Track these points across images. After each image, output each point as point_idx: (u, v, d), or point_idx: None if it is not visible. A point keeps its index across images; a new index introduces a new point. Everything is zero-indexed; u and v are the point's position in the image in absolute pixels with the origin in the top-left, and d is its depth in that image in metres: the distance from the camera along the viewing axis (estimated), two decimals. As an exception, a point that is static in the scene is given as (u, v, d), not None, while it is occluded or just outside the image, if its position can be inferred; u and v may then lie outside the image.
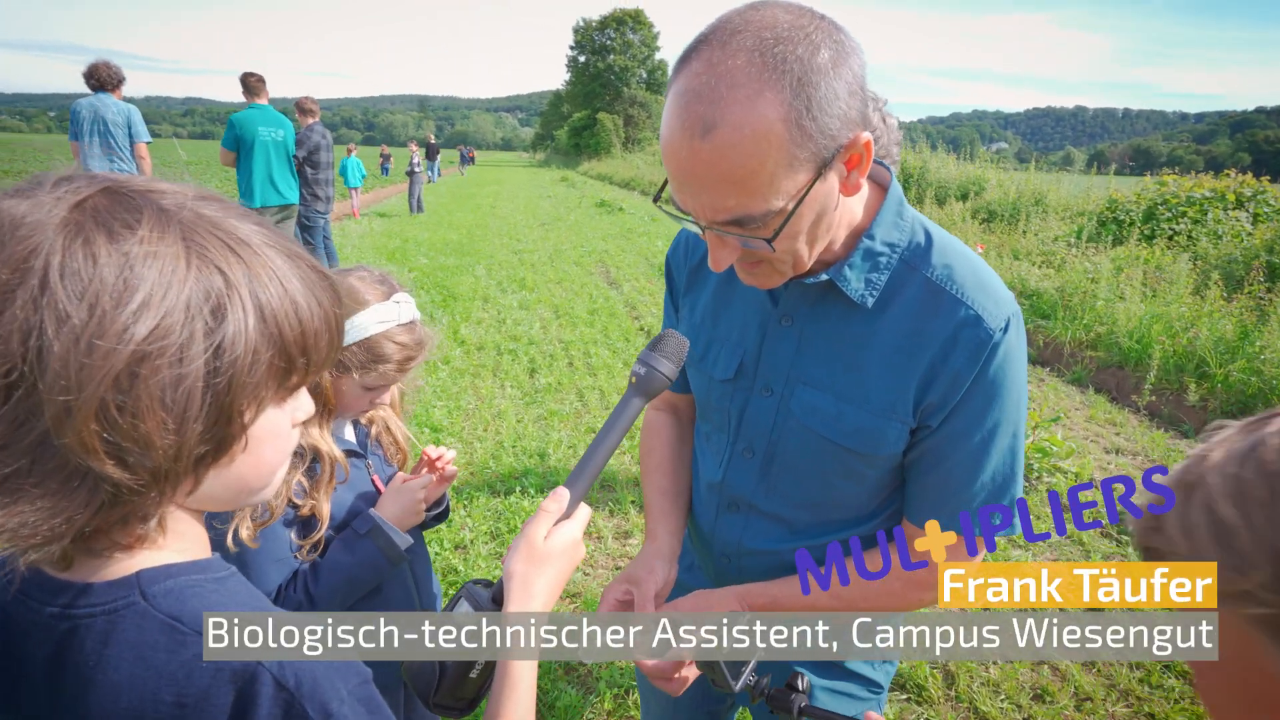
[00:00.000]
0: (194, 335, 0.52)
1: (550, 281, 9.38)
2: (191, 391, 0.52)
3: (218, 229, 0.55)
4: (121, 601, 0.57)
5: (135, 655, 0.56)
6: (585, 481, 0.87)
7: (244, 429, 0.58)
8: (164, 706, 0.56)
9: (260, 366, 0.56)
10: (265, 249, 0.57)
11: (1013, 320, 0.96)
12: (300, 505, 1.25)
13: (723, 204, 0.82)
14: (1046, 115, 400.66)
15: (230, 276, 0.54)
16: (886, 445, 1.01)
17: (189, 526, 0.63)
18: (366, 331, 1.26)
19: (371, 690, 0.63)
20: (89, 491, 0.52)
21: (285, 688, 0.57)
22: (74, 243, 0.49)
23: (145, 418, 0.50)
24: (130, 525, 0.57)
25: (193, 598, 0.59)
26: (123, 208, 0.52)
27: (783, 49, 0.77)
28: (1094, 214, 10.22)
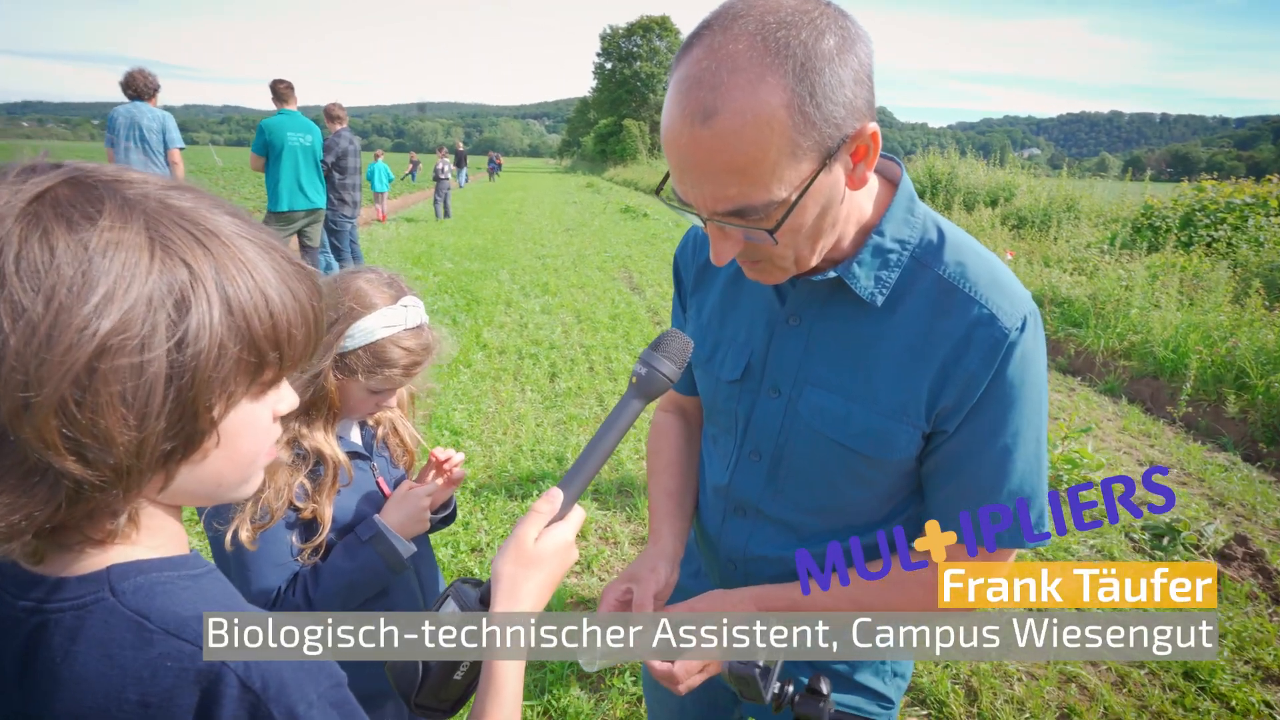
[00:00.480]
0: (156, 329, 0.50)
1: (573, 286, 9.40)
2: (153, 387, 0.50)
3: (184, 219, 0.53)
4: (91, 597, 0.56)
5: (102, 652, 0.55)
6: (580, 483, 0.85)
7: (213, 424, 0.56)
8: (129, 706, 0.54)
9: (227, 361, 0.54)
10: (236, 240, 0.55)
11: (1029, 319, 0.92)
12: (302, 508, 1.24)
13: (723, 193, 0.79)
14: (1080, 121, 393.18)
15: (195, 268, 0.52)
16: (896, 449, 0.97)
17: (164, 522, 0.62)
18: (373, 336, 1.24)
19: (345, 694, 0.61)
20: (49, 488, 0.51)
21: (251, 689, 0.55)
22: (32, 234, 0.48)
23: (105, 414, 0.49)
24: (99, 520, 0.56)
25: (162, 595, 0.58)
26: (84, 198, 0.50)
27: (786, 33, 0.74)
28: (1128, 220, 9.98)
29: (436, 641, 0.79)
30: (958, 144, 15.56)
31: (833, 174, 0.81)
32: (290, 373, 0.62)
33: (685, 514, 1.22)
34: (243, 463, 0.62)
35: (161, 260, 0.51)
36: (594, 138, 60.68)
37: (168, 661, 0.55)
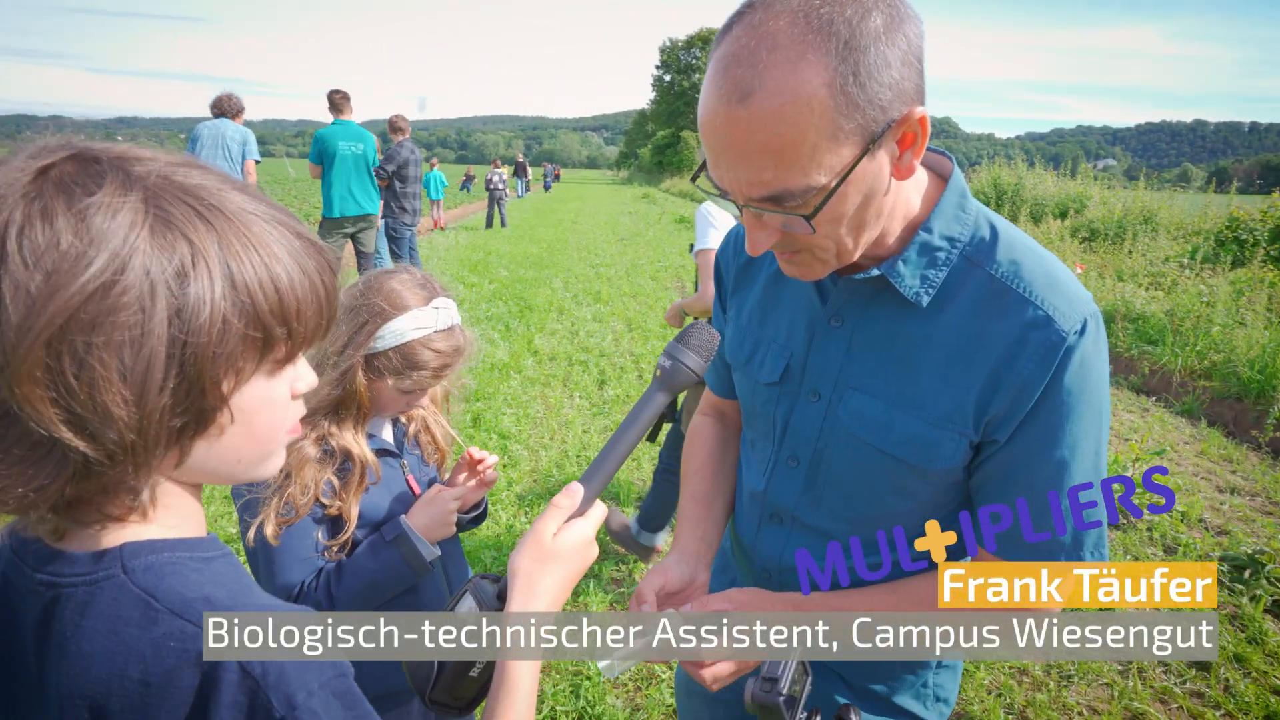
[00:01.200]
0: (155, 303, 0.50)
1: (625, 295, 9.43)
2: (152, 362, 0.50)
3: (189, 195, 0.53)
4: (102, 573, 0.57)
5: (108, 628, 0.55)
6: (601, 479, 0.82)
7: (224, 401, 0.56)
8: (130, 683, 0.54)
9: (232, 337, 0.54)
10: (243, 215, 0.55)
11: (1090, 322, 0.85)
12: (329, 505, 1.25)
13: (760, 177, 0.76)
14: (1160, 130, 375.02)
15: (196, 243, 0.52)
16: (941, 458, 0.91)
17: (182, 502, 0.62)
18: (403, 338, 1.24)
19: (349, 685, 0.60)
20: (57, 463, 0.51)
21: (250, 675, 0.55)
22: (33, 210, 0.48)
23: (102, 388, 0.49)
24: (116, 497, 0.56)
25: (171, 575, 0.58)
26: (86, 174, 0.51)
27: (830, 10, 0.70)
28: (1211, 233, 9.43)
29: (456, 640, 0.77)
30: (1026, 155, 15.02)
31: (876, 161, 0.77)
32: (304, 350, 0.61)
33: (713, 517, 1.18)
34: (261, 440, 0.61)
35: (161, 234, 0.51)
36: (651, 149, 61.01)
37: (170, 641, 0.55)
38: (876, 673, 1.09)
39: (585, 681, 2.62)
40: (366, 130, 7.05)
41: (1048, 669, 2.79)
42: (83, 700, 0.55)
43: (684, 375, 0.86)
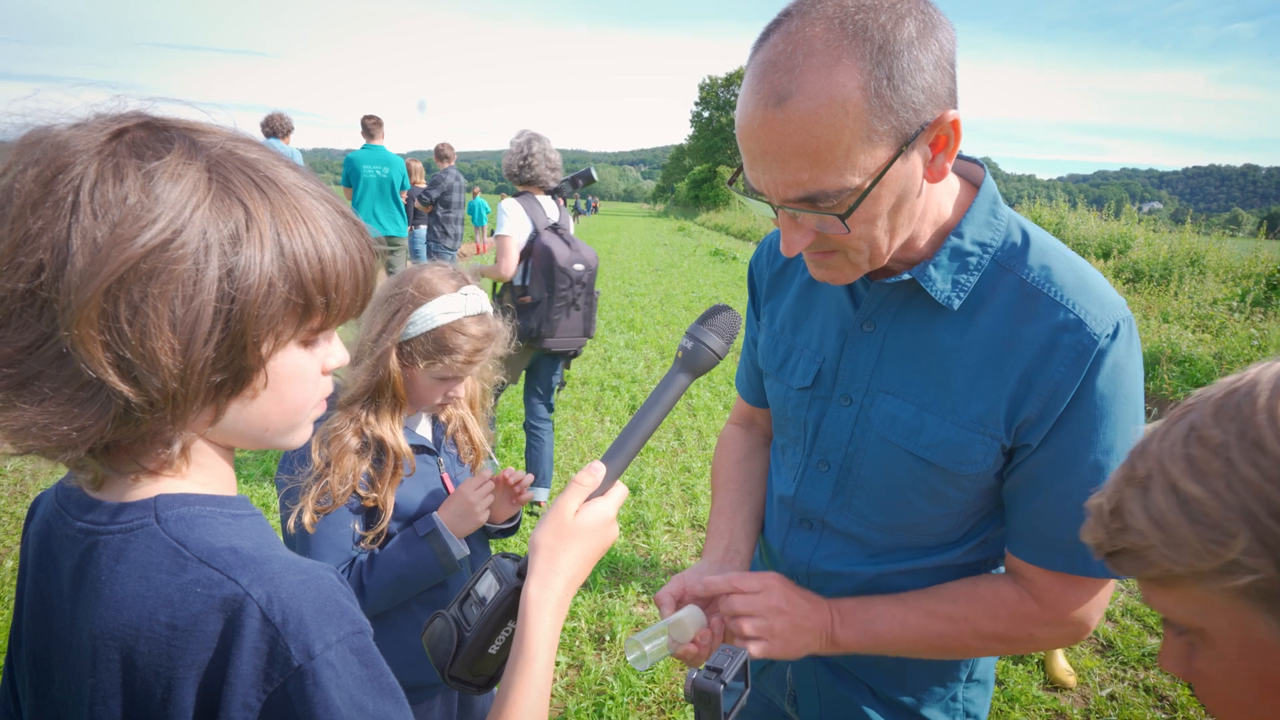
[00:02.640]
0: (208, 260, 0.54)
1: (658, 324, 9.48)
2: (200, 314, 0.54)
3: (248, 167, 0.58)
4: (137, 522, 0.60)
5: (140, 574, 0.58)
6: (623, 459, 0.83)
7: (261, 362, 0.59)
8: (158, 627, 0.57)
9: (275, 300, 0.57)
10: (295, 190, 0.59)
11: (1123, 326, 0.85)
12: (365, 497, 1.29)
13: (795, 179, 0.78)
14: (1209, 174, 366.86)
15: (251, 210, 0.56)
16: (973, 462, 0.92)
17: (214, 462, 0.66)
18: (434, 322, 1.28)
19: (368, 643, 0.61)
20: (101, 405, 0.54)
21: (271, 623, 0.57)
22: (106, 167, 0.52)
23: (153, 335, 0.53)
24: (152, 448, 0.60)
25: (201, 526, 0.61)
26: (156, 139, 0.55)
27: (864, 17, 0.74)
28: (1263, 276, 9.16)
29: (477, 613, 0.79)
30: (1068, 196, 14.82)
31: (910, 162, 0.79)
32: (338, 323, 0.65)
33: (739, 529, 1.18)
34: (289, 409, 0.65)
35: (220, 197, 0.55)
36: (688, 183, 61.69)
37: (197, 588, 0.57)
38: (904, 684, 1.08)
39: (609, 701, 2.60)
40: (396, 155, 7.31)
41: (1086, 713, 2.68)
42: (113, 642, 0.58)
43: (706, 356, 0.88)
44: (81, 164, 0.52)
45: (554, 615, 0.76)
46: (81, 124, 0.56)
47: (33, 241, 0.51)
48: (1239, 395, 0.49)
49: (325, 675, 0.57)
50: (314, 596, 0.60)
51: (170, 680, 0.57)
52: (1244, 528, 0.46)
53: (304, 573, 0.62)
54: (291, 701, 0.56)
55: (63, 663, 0.62)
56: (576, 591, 0.80)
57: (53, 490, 0.69)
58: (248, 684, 0.56)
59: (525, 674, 0.72)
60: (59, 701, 0.63)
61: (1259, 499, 0.45)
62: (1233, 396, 0.49)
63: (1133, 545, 0.52)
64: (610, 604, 3.19)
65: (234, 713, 0.56)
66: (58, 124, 0.56)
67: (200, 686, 0.57)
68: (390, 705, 0.61)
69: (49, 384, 0.54)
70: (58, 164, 0.52)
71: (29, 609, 0.67)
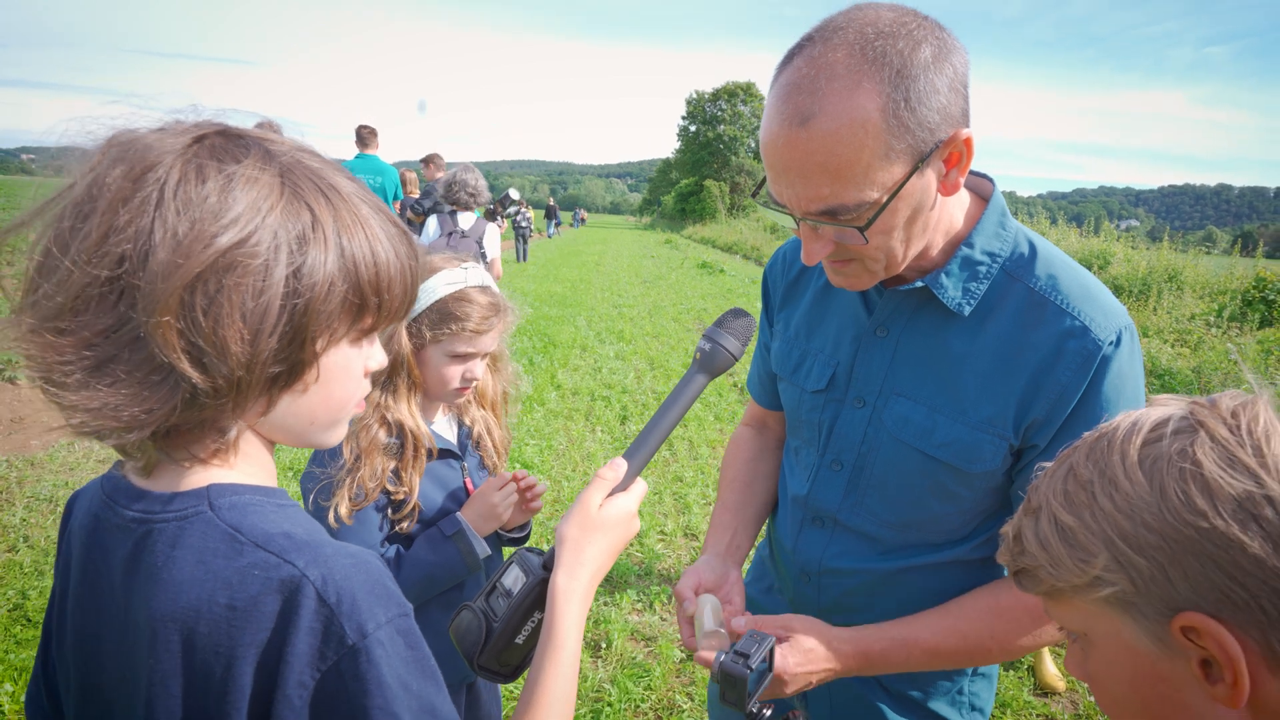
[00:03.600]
0: (278, 258, 0.58)
1: (647, 335, 9.52)
2: (269, 307, 0.58)
3: (314, 174, 0.62)
4: (191, 510, 0.63)
5: (197, 559, 0.61)
6: (643, 456, 0.87)
7: (316, 356, 0.63)
8: (218, 608, 0.60)
9: (335, 298, 0.61)
10: (353, 198, 0.64)
11: (1125, 334, 0.91)
12: (394, 491, 1.31)
13: (817, 193, 0.83)
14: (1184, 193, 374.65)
15: (318, 214, 0.60)
16: (982, 461, 0.96)
17: (259, 454, 0.69)
18: (436, 294, 1.31)
19: (412, 625, 0.64)
20: (169, 389, 0.57)
21: (326, 603, 0.59)
22: (189, 167, 0.57)
23: (225, 324, 0.56)
24: (205, 436, 0.63)
25: (254, 513, 0.64)
26: (234, 145, 0.60)
27: (883, 43, 0.79)
28: (1238, 292, 9.39)
29: (506, 602, 0.81)
30: (1048, 213, 15.07)
31: (925, 178, 0.84)
32: (386, 325, 0.68)
33: (743, 523, 1.22)
34: (333, 406, 0.68)
35: (290, 202, 0.60)
36: (675, 196, 61.98)
37: (255, 570, 0.60)
38: (913, 679, 1.12)
39: (607, 708, 2.61)
40: (389, 165, 7.31)
41: (1076, 717, 2.73)
42: (174, 624, 0.60)
43: (723, 358, 0.92)
44: (166, 165, 0.56)
45: (581, 604, 0.79)
46: (164, 129, 0.59)
47: (120, 233, 0.55)
48: (1104, 440, 0.58)
49: (377, 653, 0.60)
50: (364, 579, 0.62)
51: (230, 659, 0.59)
52: (1103, 549, 0.55)
53: (353, 556, 0.64)
54: (345, 678, 0.59)
55: (116, 649, 0.64)
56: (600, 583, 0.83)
57: (95, 485, 0.71)
58: (303, 662, 0.59)
59: (555, 660, 0.75)
60: (110, 689, 0.65)
61: (1113, 526, 0.55)
62: (1100, 441, 0.59)
63: (1028, 565, 0.61)
64: (606, 612, 3.20)
65: (290, 690, 0.59)
66: (140, 127, 0.59)
67: (258, 665, 0.59)
68: (432, 687, 0.64)
69: (123, 367, 0.57)
70: (145, 164, 0.56)
71: (76, 600, 0.68)
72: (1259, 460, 0.51)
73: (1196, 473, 0.52)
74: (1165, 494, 0.52)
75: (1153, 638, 0.54)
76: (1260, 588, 0.49)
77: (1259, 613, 0.50)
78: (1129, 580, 0.54)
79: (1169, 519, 0.52)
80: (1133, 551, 0.53)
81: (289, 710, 0.59)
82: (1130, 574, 0.54)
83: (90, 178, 0.57)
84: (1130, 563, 0.53)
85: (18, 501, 3.90)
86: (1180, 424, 0.55)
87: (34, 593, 3.08)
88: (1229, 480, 0.51)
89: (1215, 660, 0.52)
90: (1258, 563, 0.49)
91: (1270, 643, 0.50)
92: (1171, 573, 0.52)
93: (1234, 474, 0.51)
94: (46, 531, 3.60)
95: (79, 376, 0.56)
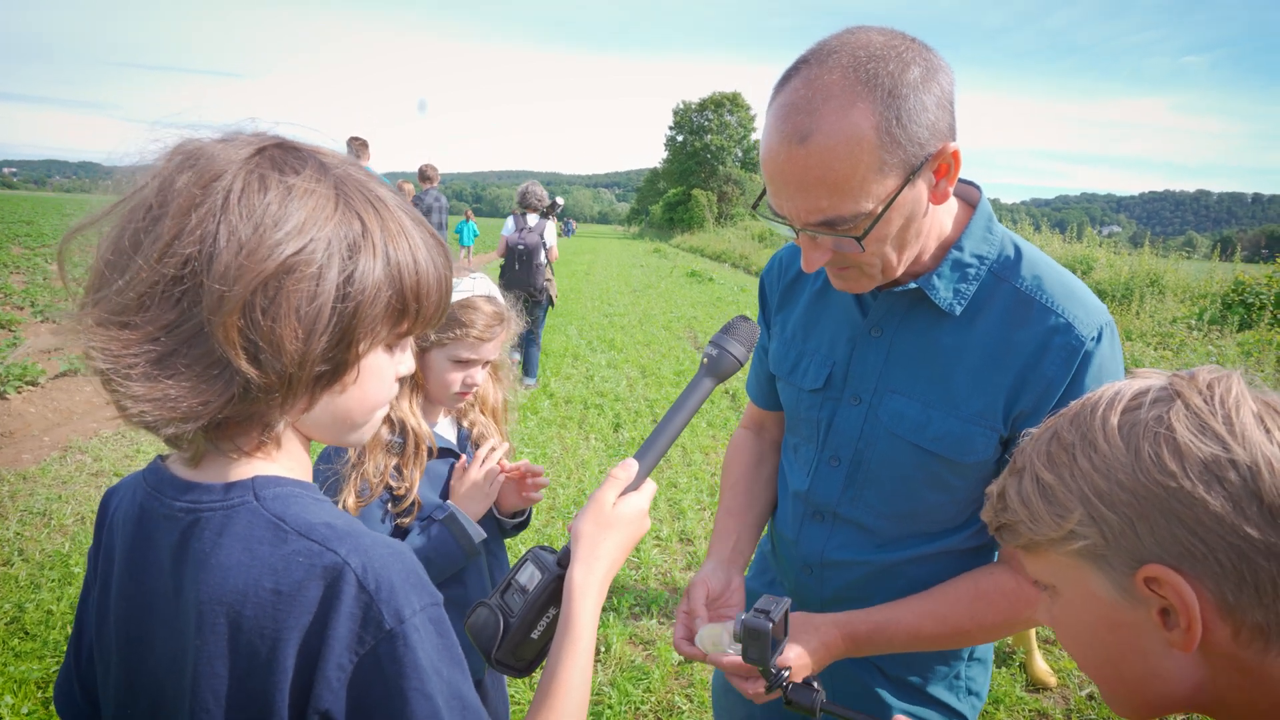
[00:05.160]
0: (331, 263, 0.62)
1: (638, 343, 9.58)
2: (322, 309, 0.62)
3: (363, 187, 0.67)
4: (237, 500, 0.66)
5: (244, 546, 0.65)
6: (653, 457, 0.90)
7: (358, 358, 0.67)
8: (264, 592, 0.63)
9: (380, 303, 0.65)
10: (397, 210, 0.68)
11: (1106, 330, 0.96)
12: (396, 487, 1.36)
13: (816, 205, 0.89)
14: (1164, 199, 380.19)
15: (367, 224, 0.65)
16: (974, 452, 1.01)
17: (297, 450, 0.73)
18: None
19: (442, 614, 0.67)
20: (225, 383, 0.61)
21: (366, 590, 0.63)
22: (251, 176, 0.61)
23: (282, 323, 0.60)
24: (251, 429, 0.67)
25: (295, 504, 0.68)
26: (293, 157, 0.64)
27: (875, 65, 0.84)
28: (1218, 296, 9.57)
29: (522, 597, 0.84)
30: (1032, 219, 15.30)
31: (916, 189, 0.90)
32: (421, 330, 0.73)
33: (746, 528, 1.26)
34: (366, 407, 0.72)
35: (343, 212, 0.64)
36: (662, 206, 62.29)
37: (299, 557, 0.64)
38: (911, 664, 1.17)
39: (607, 710, 2.64)
40: (382, 177, 7.34)
41: (1067, 712, 2.79)
42: (221, 607, 0.63)
43: (729, 363, 0.96)
44: (231, 173, 0.61)
45: (596, 598, 0.82)
46: (226, 139, 0.64)
47: (188, 235, 0.59)
48: (1088, 407, 0.63)
49: (414, 638, 0.63)
50: (400, 567, 0.66)
51: (275, 641, 0.62)
52: (1079, 505, 0.59)
53: (390, 546, 0.68)
54: (383, 662, 0.62)
55: (166, 633, 0.68)
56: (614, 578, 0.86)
57: (137, 479, 0.74)
58: (343, 645, 0.62)
59: (572, 652, 0.78)
60: (158, 672, 0.68)
61: (1089, 484, 0.59)
62: (1084, 408, 0.63)
63: (1009, 521, 0.66)
64: (604, 616, 3.23)
65: (329, 672, 0.62)
66: (203, 137, 0.64)
67: (300, 647, 0.63)
68: (460, 675, 0.67)
69: (183, 361, 0.60)
70: (212, 172, 0.60)
71: (121, 591, 0.71)
72: (1228, 428, 0.55)
73: (1170, 436, 0.56)
74: (1139, 455, 0.57)
75: (1117, 588, 0.59)
76: (1218, 542, 0.54)
77: (1215, 565, 0.54)
78: (1100, 534, 0.58)
79: (1141, 478, 0.56)
80: (1105, 508, 0.58)
81: (328, 691, 0.62)
82: (1102, 528, 0.58)
83: (159, 182, 0.61)
84: (1103, 518, 0.58)
85: (11, 516, 3.88)
86: (1159, 394, 0.60)
87: (30, 606, 3.07)
88: (1199, 444, 0.55)
89: (1173, 608, 0.56)
90: (1218, 519, 0.54)
91: (1223, 592, 0.55)
92: (1139, 527, 0.56)
93: (1204, 439, 0.55)
94: (41, 545, 3.59)
95: (143, 369, 0.60)
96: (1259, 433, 0.55)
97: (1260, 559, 0.53)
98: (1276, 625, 0.54)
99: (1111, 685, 0.65)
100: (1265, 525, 0.53)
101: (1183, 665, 0.58)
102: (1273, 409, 0.57)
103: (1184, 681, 0.59)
